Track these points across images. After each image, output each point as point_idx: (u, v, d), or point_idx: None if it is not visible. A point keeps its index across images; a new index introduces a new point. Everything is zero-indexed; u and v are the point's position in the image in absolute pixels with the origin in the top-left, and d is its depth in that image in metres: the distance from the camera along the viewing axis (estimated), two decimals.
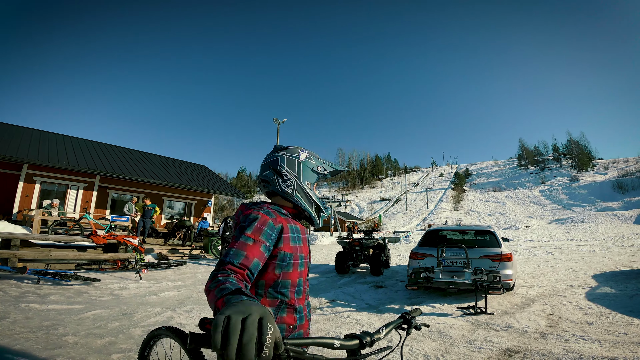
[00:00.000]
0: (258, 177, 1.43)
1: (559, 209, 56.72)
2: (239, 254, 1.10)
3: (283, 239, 1.23)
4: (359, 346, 1.04)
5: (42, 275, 6.04)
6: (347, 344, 1.02)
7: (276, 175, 1.36)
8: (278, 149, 1.43)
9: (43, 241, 7.91)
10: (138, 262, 7.69)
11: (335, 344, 0.98)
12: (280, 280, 1.23)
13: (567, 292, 6.40)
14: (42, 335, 3.53)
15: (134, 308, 4.94)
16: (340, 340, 1.00)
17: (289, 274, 1.25)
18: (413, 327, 1.28)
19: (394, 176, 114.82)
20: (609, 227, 25.78)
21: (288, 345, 0.87)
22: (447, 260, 6.30)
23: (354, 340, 1.04)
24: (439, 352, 3.52)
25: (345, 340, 1.03)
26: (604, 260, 10.91)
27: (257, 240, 1.15)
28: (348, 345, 1.02)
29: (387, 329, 1.17)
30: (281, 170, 1.36)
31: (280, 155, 1.38)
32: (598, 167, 77.02)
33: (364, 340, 1.04)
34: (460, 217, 56.24)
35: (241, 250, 1.11)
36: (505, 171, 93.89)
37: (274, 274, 1.22)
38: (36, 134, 15.89)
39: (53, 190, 14.05)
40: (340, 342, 1.00)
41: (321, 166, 1.46)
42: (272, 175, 1.36)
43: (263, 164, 1.41)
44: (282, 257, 1.23)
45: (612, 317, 4.61)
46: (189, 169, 20.83)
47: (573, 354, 3.35)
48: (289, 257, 1.24)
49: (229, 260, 1.07)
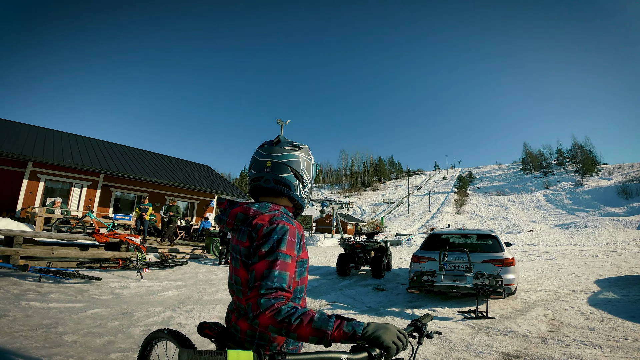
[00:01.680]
0: (265, 174, 1.24)
1: (563, 213, 56.43)
2: (285, 276, 1.02)
3: (302, 246, 1.17)
4: (368, 359, 0.98)
5: (43, 273, 6.05)
6: (355, 357, 0.96)
7: (298, 180, 1.26)
8: (292, 146, 1.30)
9: (45, 239, 7.94)
10: (139, 261, 7.71)
11: (343, 358, 0.94)
12: (298, 287, 1.19)
13: (569, 297, 6.35)
14: (41, 334, 3.53)
15: (134, 307, 4.95)
16: (347, 354, 0.96)
17: (304, 279, 1.21)
18: (425, 335, 1.19)
19: (397, 179, 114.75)
20: (613, 233, 25.62)
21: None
22: (449, 264, 6.27)
23: (362, 354, 0.98)
24: (439, 356, 3.50)
25: (352, 353, 0.97)
26: (607, 265, 10.82)
27: (293, 256, 1.08)
28: (355, 359, 0.96)
29: None
30: (303, 174, 1.27)
31: (300, 158, 1.28)
32: (603, 172, 76.62)
33: (373, 353, 0.98)
34: (463, 221, 56.08)
35: (285, 272, 1.03)
36: (509, 175, 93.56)
37: (295, 282, 1.17)
38: (41, 131, 16.02)
39: (57, 188, 14.15)
40: (348, 356, 0.96)
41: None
42: (294, 179, 1.25)
43: (279, 162, 1.24)
44: (302, 264, 1.18)
45: (614, 323, 4.57)
46: (192, 168, 20.91)
47: (574, 359, 3.32)
48: (306, 262, 1.21)
49: (278, 286, 1.00)
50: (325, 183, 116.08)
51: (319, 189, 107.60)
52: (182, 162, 21.63)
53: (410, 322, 1.23)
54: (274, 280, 0.99)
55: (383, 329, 0.95)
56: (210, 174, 21.61)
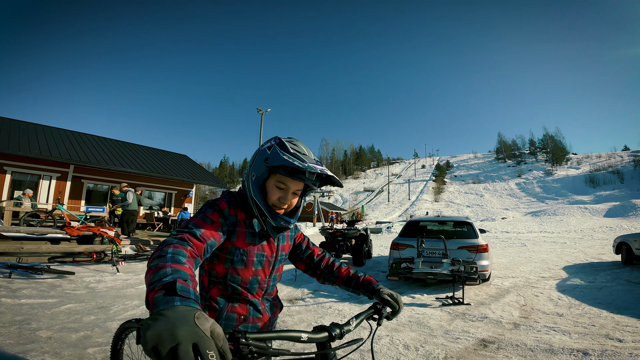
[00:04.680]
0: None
1: (534, 201, 58.80)
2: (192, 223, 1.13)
3: (236, 232, 1.25)
4: (328, 339, 1.01)
5: (13, 269, 5.82)
6: (316, 337, 0.98)
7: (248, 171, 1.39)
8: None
9: (14, 233, 7.57)
10: (115, 254, 7.49)
11: (303, 337, 0.95)
12: (238, 277, 1.21)
13: (539, 283, 6.66)
14: (14, 330, 3.43)
15: (111, 301, 4.82)
16: (308, 333, 0.97)
17: (248, 271, 1.22)
18: (384, 317, 1.25)
19: (377, 167, 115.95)
20: (580, 220, 26.92)
21: (250, 340, 0.84)
22: (427, 250, 6.43)
23: (322, 333, 1.00)
24: (419, 342, 3.60)
25: (314, 333, 0.99)
26: (575, 252, 11.40)
27: (211, 220, 1.18)
28: (316, 339, 0.98)
29: (357, 320, 1.14)
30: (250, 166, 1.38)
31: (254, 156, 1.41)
32: (572, 162, 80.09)
33: (333, 333, 1.01)
34: (441, 209, 57.53)
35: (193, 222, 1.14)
36: (484, 164, 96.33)
37: (230, 269, 1.22)
38: (5, 122, 15.09)
39: (25, 180, 13.45)
40: (308, 335, 0.96)
41: None
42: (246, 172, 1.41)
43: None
44: (235, 250, 1.22)
45: (581, 309, 4.82)
46: (169, 158, 20.33)
47: (544, 345, 3.49)
48: (243, 252, 1.22)
49: (185, 226, 1.06)
50: None
51: None
52: (158, 151, 20.97)
53: (370, 305, 1.28)
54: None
55: (162, 321, 0.62)
56: (188, 163, 21.08)
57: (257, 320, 1.24)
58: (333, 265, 1.44)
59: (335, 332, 1.02)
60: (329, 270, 1.43)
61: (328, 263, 1.45)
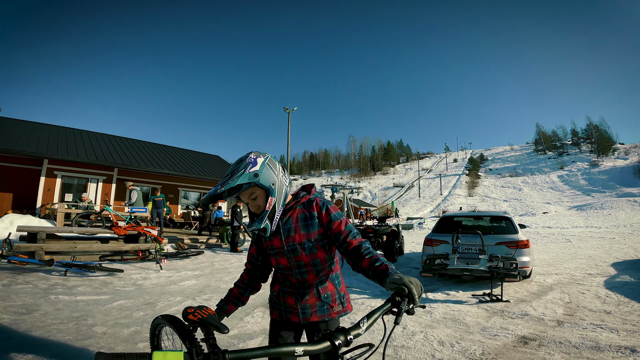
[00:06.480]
0: None
1: (578, 195, 55.34)
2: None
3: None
4: (332, 348, 0.87)
5: (68, 267, 6.26)
6: (314, 348, 0.85)
7: None
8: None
9: (67, 234, 8.20)
10: (158, 252, 7.92)
11: (298, 351, 0.83)
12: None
13: (586, 280, 6.32)
14: (72, 326, 3.66)
15: (156, 297, 5.12)
16: (305, 345, 0.85)
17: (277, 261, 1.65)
18: (404, 311, 0.99)
19: (407, 162, 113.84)
20: (630, 214, 25.11)
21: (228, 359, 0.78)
22: (462, 246, 6.26)
23: (323, 343, 0.87)
24: (454, 339, 3.55)
25: (312, 345, 0.86)
26: (624, 248, 10.68)
27: None
28: (314, 351, 0.86)
29: (370, 320, 0.96)
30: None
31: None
32: (619, 152, 74.60)
33: (336, 342, 0.87)
34: (475, 203, 55.53)
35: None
36: (522, 156, 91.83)
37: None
38: (53, 129, 16.34)
39: (74, 183, 14.50)
40: (305, 348, 0.84)
41: None
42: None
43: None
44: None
45: (631, 307, 4.54)
46: (203, 159, 21.12)
47: (590, 342, 3.34)
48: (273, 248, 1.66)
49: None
50: (335, 169, 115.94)
51: (329, 174, 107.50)
52: (192, 153, 21.87)
53: (387, 298, 1.04)
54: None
55: None
56: (220, 163, 21.79)
57: (286, 300, 1.57)
58: (361, 256, 1.36)
59: (339, 340, 0.88)
60: (357, 260, 1.36)
61: (359, 253, 1.38)
